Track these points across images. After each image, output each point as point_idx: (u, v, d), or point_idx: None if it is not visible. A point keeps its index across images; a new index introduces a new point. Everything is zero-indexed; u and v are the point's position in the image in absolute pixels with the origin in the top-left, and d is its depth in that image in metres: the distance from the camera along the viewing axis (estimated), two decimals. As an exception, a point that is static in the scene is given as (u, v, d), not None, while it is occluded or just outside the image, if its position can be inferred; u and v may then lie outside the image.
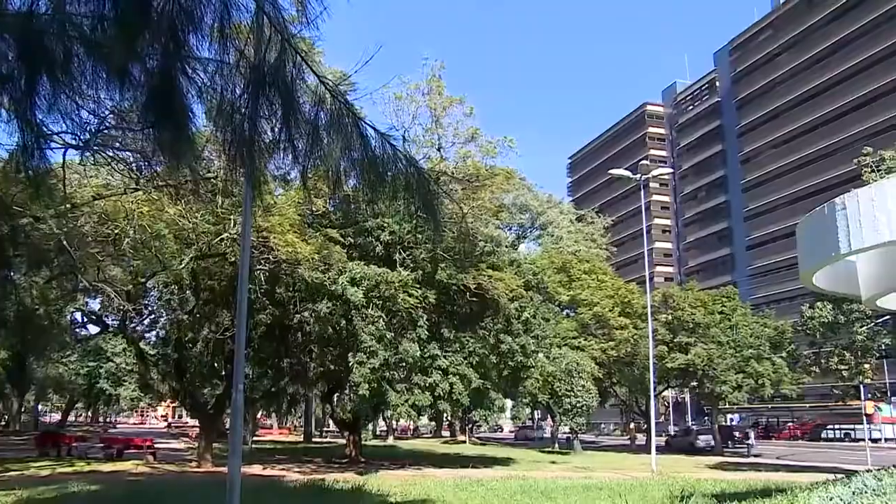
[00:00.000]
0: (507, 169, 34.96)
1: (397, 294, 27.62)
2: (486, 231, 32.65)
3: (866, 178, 32.50)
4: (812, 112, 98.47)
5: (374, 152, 4.06)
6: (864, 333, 35.98)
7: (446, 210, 24.58)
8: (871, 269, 13.31)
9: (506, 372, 34.66)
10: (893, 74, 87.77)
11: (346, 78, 4.78)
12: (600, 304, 51.72)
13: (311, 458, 37.22)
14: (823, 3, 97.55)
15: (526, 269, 40.36)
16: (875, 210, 10.84)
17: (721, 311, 51.16)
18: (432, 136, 37.43)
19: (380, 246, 29.90)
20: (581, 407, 46.86)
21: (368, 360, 27.07)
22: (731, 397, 49.89)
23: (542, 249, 65.41)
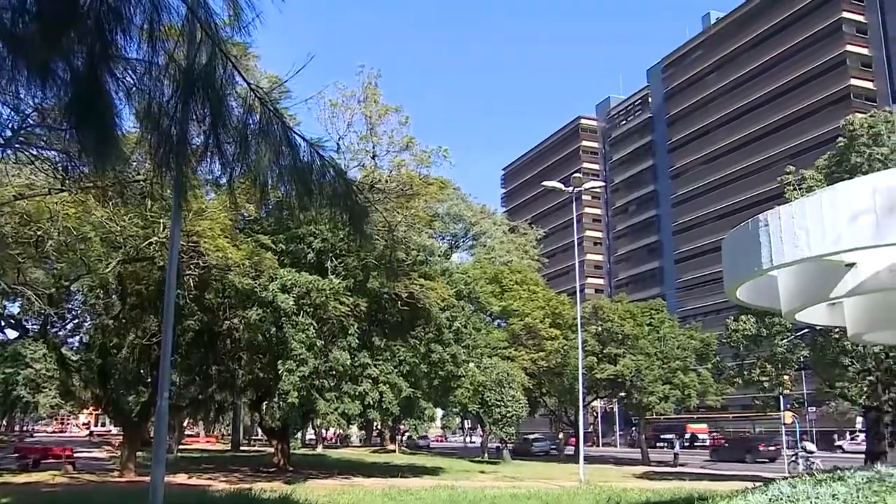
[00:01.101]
0: (441, 179, 35.04)
1: (328, 302, 27.45)
2: (420, 240, 32.67)
3: (789, 195, 33.39)
4: (739, 130, 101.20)
5: (302, 161, 4.02)
6: (785, 346, 36.89)
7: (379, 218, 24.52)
8: (791, 284, 13.68)
9: (436, 381, 34.67)
10: (815, 97, 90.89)
11: (281, 83, 4.74)
12: (531, 315, 52.15)
13: (238, 466, 36.62)
14: (751, 27, 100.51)
15: (458, 278, 40.53)
16: (795, 227, 11.14)
17: (650, 324, 52.08)
18: (367, 145, 37.30)
19: (312, 253, 29.67)
20: (511, 417, 47.08)
21: (298, 368, 26.82)
22: (658, 408, 50.80)
23: (474, 259, 65.70)
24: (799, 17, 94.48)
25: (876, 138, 33.15)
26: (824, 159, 37.12)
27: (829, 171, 34.60)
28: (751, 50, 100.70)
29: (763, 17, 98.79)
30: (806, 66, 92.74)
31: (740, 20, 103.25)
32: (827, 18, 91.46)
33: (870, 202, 10.43)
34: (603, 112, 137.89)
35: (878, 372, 33.04)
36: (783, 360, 38.07)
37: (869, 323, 14.25)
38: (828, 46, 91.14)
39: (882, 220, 10.28)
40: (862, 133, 33.93)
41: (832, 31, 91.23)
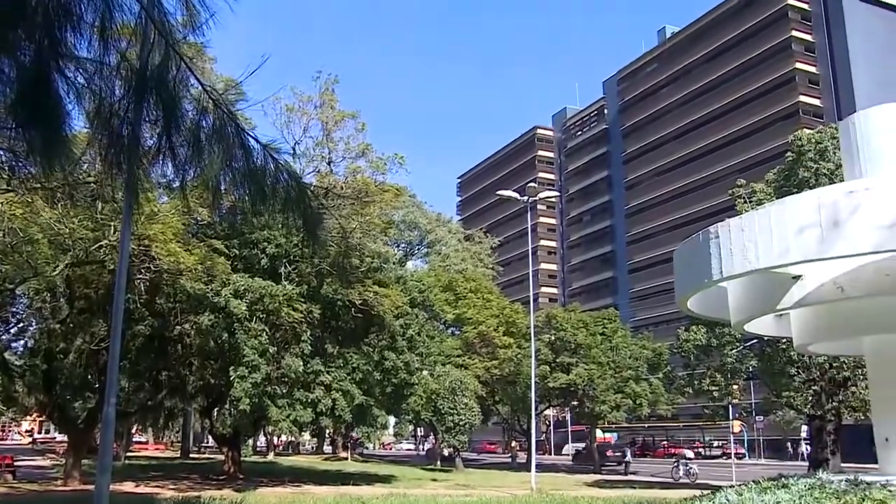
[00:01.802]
0: (396, 186, 35.06)
1: (281, 308, 27.23)
2: (374, 247, 32.57)
3: (740, 208, 33.97)
4: (692, 143, 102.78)
5: (256, 164, 3.98)
6: (734, 356, 37.47)
7: (333, 225, 24.41)
8: (739, 295, 13.90)
9: (389, 388, 34.53)
10: (765, 112, 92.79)
11: (236, 85, 4.69)
12: (485, 323, 52.28)
13: (187, 474, 36.05)
14: (704, 43, 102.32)
15: (412, 286, 40.42)
16: (745, 239, 11.34)
17: (602, 333, 52.49)
18: (323, 150, 37.27)
19: (265, 259, 29.42)
20: (463, 425, 47.10)
21: (250, 375, 26.53)
22: (610, 417, 51.23)
23: (429, 267, 65.73)
24: (750, 35, 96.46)
25: (822, 154, 33.88)
26: (773, 173, 37.82)
27: (779, 185, 35.29)
28: (704, 65, 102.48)
29: (716, 34, 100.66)
30: (757, 82, 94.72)
31: (694, 36, 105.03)
32: (777, 37, 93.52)
33: (815, 216, 10.65)
34: (559, 123, 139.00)
35: (822, 381, 33.71)
36: (732, 370, 38.66)
37: (814, 334, 14.53)
38: (778, 64, 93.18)
39: (827, 234, 10.50)
40: (809, 148, 34.66)
41: (782, 48, 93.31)
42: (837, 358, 30.48)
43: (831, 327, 14.04)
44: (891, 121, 13.20)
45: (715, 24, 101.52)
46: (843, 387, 33.56)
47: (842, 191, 11.07)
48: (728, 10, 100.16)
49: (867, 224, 10.34)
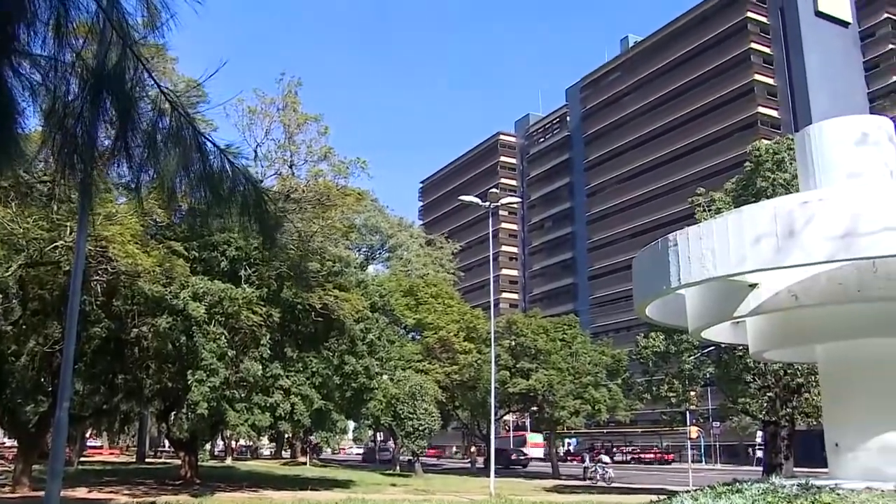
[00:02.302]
0: (358, 190, 34.97)
1: (241, 311, 26.99)
2: (336, 251, 32.46)
3: (699, 216, 34.38)
4: (653, 152, 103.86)
5: (212, 168, 3.93)
6: (692, 363, 37.91)
7: (294, 228, 24.28)
8: (697, 303, 14.06)
9: (349, 393, 34.38)
10: (725, 122, 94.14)
11: (197, 85, 4.64)
12: (446, 328, 52.26)
13: (142, 479, 35.52)
14: (666, 52, 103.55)
15: (373, 290, 40.28)
16: (703, 247, 11.48)
17: (562, 339, 52.73)
18: (285, 153, 37.09)
19: (225, 261, 29.14)
20: (423, 430, 47.04)
21: (208, 379, 26.24)
22: (570, 422, 51.47)
23: (390, 272, 65.59)
24: (711, 46, 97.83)
25: (779, 164, 34.45)
26: (732, 183, 38.38)
27: (737, 194, 35.81)
28: (666, 74, 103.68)
29: (678, 44, 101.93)
30: (717, 92, 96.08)
31: (656, 45, 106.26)
32: (737, 48, 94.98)
33: (771, 226, 10.81)
34: (522, 129, 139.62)
35: (776, 388, 34.23)
36: (690, 377, 39.10)
37: (769, 341, 14.73)
38: (737, 75, 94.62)
39: (782, 244, 10.67)
40: (767, 159, 35.23)
41: (741, 60, 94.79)
42: (792, 365, 30.96)
43: (786, 335, 14.26)
44: (844, 133, 13.46)
45: (677, 34, 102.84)
46: (797, 393, 34.11)
47: (797, 201, 11.25)
48: (690, 21, 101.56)
49: (821, 234, 10.52)
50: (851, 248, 10.34)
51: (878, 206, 10.44)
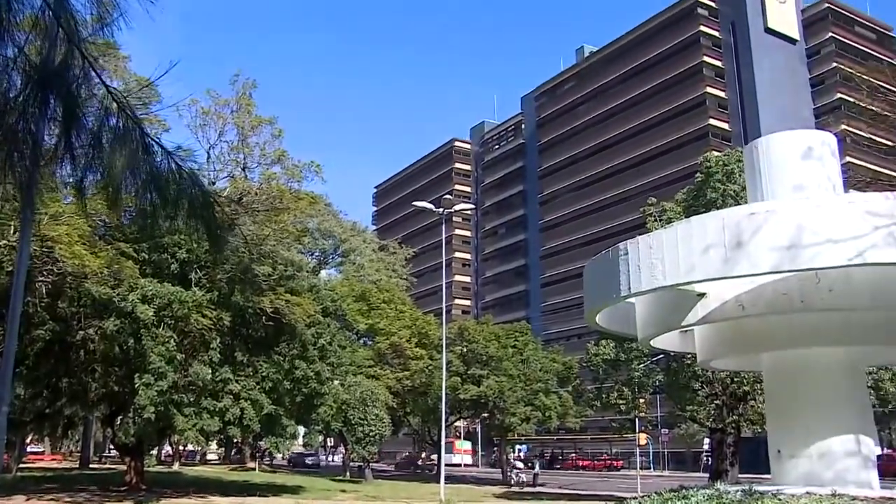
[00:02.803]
0: (311, 194, 34.80)
1: (191, 314, 26.61)
2: (288, 255, 32.21)
3: (650, 226, 34.78)
4: (607, 161, 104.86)
5: (159, 170, 3.86)
6: (641, 371, 38.29)
7: (245, 232, 24.03)
8: (646, 311, 14.23)
9: (299, 398, 34.06)
10: (677, 133, 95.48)
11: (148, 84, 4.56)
12: (398, 334, 52.15)
13: (86, 485, 34.74)
14: (621, 63, 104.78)
15: (325, 295, 39.96)
16: (652, 257, 11.63)
17: (514, 346, 52.95)
18: (238, 156, 36.77)
19: (175, 264, 28.71)
20: (374, 436, 46.83)
21: (156, 382, 25.81)
22: (520, 429, 51.69)
23: (343, 276, 65.26)
24: (665, 58, 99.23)
25: (729, 176, 35.00)
26: (683, 193, 38.89)
27: (688, 205, 36.28)
28: (620, 85, 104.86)
29: (632, 55, 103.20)
30: (670, 104, 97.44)
31: (611, 56, 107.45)
32: (689, 61, 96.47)
33: (720, 236, 11.00)
34: (477, 136, 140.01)
35: (723, 396, 34.74)
36: (639, 385, 39.50)
37: (716, 349, 14.97)
38: (690, 87, 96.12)
39: (730, 254, 10.86)
40: (717, 170, 35.78)
41: (694, 73, 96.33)
42: (738, 373, 31.46)
43: (732, 344, 14.50)
44: (790, 147, 13.74)
45: (631, 45, 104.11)
46: (743, 401, 34.65)
47: (744, 212, 11.46)
48: (644, 33, 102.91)
49: (767, 245, 10.72)
50: (796, 259, 10.56)
51: (822, 219, 10.68)
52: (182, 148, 4.21)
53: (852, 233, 10.40)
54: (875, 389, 35.59)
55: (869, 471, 12.90)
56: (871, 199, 11.06)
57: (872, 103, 10.85)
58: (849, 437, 12.82)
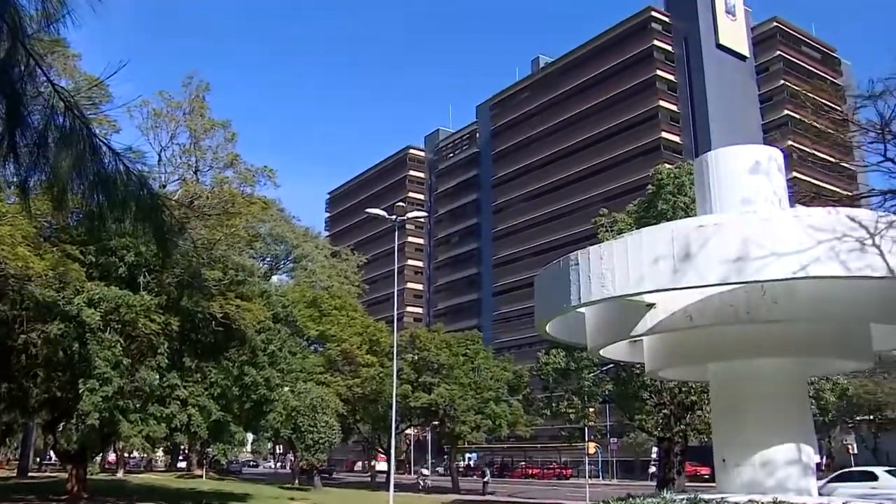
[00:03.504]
0: (264, 198, 34.51)
1: (138, 318, 26.17)
2: (239, 260, 31.89)
3: (602, 237, 35.08)
4: (560, 172, 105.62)
5: (106, 172, 3.79)
6: (591, 380, 38.53)
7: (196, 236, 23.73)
8: (596, 321, 14.36)
9: (248, 405, 33.74)
10: (630, 145, 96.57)
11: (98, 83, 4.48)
12: (349, 341, 51.93)
13: (23, 495, 33.87)
14: (575, 75, 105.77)
15: (276, 301, 39.69)
16: (603, 267, 11.75)
17: (465, 354, 53.03)
18: (190, 158, 36.32)
19: (124, 267, 28.22)
20: (323, 442, 46.50)
21: (101, 388, 25.31)
22: (470, 437, 51.73)
23: (294, 282, 64.72)
24: (619, 71, 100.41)
25: (680, 188, 35.47)
26: (634, 204, 39.32)
27: (639, 216, 36.67)
28: (574, 96, 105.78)
29: (587, 67, 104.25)
30: (623, 116, 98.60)
31: (566, 67, 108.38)
32: (643, 74, 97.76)
33: (669, 248, 11.15)
34: (431, 144, 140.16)
35: (671, 406, 35.14)
36: (589, 394, 39.76)
37: (664, 360, 15.16)
38: (643, 100, 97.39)
39: (679, 265, 11.01)
40: (668, 182, 36.24)
41: (647, 86, 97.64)
42: (686, 383, 31.86)
43: (680, 354, 14.69)
44: (739, 161, 13.99)
45: (586, 57, 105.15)
46: (691, 411, 35.08)
47: (693, 225, 11.63)
48: (599, 45, 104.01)
49: (715, 257, 10.89)
50: (743, 271, 10.76)
51: (768, 233, 10.89)
52: (132, 149, 4.14)
53: (796, 247, 10.62)
54: (816, 399, 36.32)
55: (808, 478, 13.19)
56: (814, 214, 11.32)
57: (817, 120, 11.10)
58: (790, 446, 13.08)
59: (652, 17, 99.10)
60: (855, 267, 10.67)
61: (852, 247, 10.65)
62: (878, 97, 9.25)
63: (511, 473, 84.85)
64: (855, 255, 10.65)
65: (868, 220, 10.85)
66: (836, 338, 13.46)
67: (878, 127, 9.48)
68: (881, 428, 56.83)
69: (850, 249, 10.64)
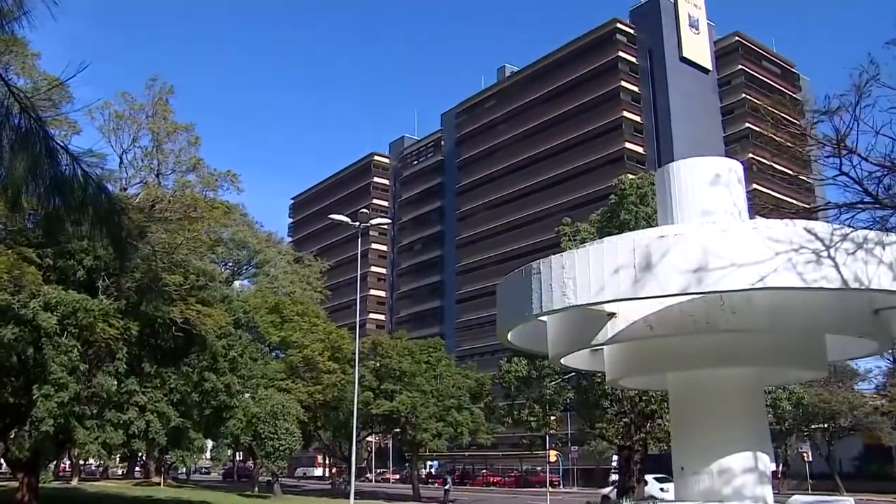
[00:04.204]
0: (226, 203, 34.19)
1: (97, 323, 25.77)
2: (200, 265, 31.52)
3: (564, 245, 35.32)
4: (524, 180, 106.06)
5: (63, 175, 3.73)
6: (552, 388, 38.75)
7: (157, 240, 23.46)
8: (557, 330, 14.43)
9: (208, 411, 33.34)
10: (594, 155, 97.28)
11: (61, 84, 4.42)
12: (311, 347, 51.62)
13: (-30, 505, 33.16)
14: (541, 84, 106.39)
15: (238, 306, 39.34)
16: (564, 276, 11.81)
17: (427, 361, 53.01)
18: (152, 162, 35.86)
19: (82, 270, 27.76)
20: (284, 450, 46.11)
21: (57, 393, 24.85)
22: (432, 444, 51.66)
23: (256, 288, 64.19)
24: (583, 81, 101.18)
25: (643, 198, 35.85)
26: (597, 214, 39.65)
27: (601, 226, 36.99)
28: (539, 106, 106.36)
29: (552, 77, 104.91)
30: (587, 126, 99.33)
31: (531, 77, 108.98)
32: (607, 85, 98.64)
33: (630, 258, 11.25)
34: (396, 150, 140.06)
35: (632, 414, 35.44)
36: (550, 402, 39.95)
37: (625, 368, 15.27)
38: (607, 111, 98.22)
39: (639, 275, 11.11)
40: (631, 193, 36.60)
41: (611, 97, 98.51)
42: (646, 392, 32.14)
43: (640, 363, 14.81)
44: (700, 173, 14.17)
45: (552, 67, 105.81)
46: (651, 419, 35.40)
47: (654, 235, 11.74)
48: (564, 55, 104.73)
49: (675, 268, 11.00)
50: (702, 282, 10.88)
51: (727, 244, 11.04)
52: (92, 152, 4.09)
53: (755, 258, 10.77)
54: (773, 408, 36.83)
55: (764, 486, 13.36)
56: (772, 226, 11.48)
57: (776, 134, 11.27)
58: (747, 454, 13.24)
59: (617, 29, 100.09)
60: (811, 278, 10.85)
61: (808, 258, 10.83)
62: (834, 113, 9.43)
63: (472, 481, 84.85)
64: (811, 267, 10.83)
65: (824, 232, 11.03)
66: (792, 348, 13.66)
67: (833, 142, 9.65)
68: (834, 436, 57.78)
69: (806, 261, 10.82)
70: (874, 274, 11.01)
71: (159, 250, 23.83)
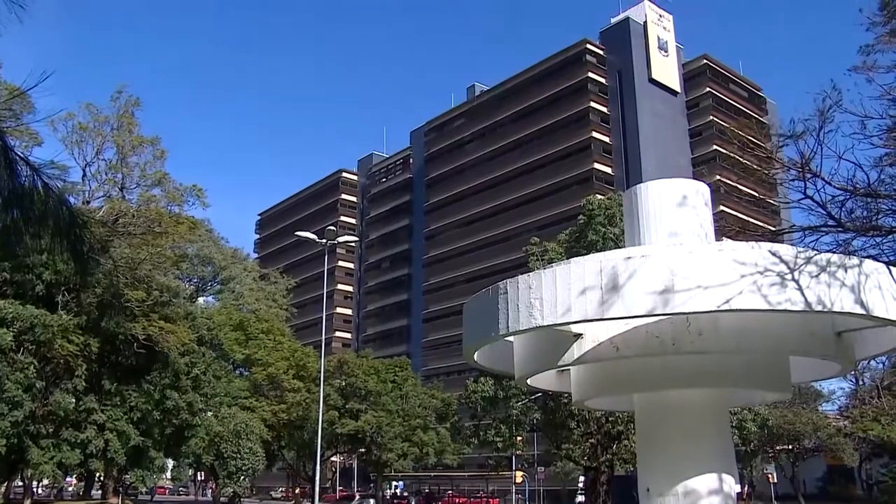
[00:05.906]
0: (191, 218, 33.90)
1: (55, 339, 25.35)
2: (164, 280, 31.18)
3: (532, 265, 35.40)
4: (493, 199, 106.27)
5: (22, 186, 3.62)
6: (519, 408, 38.67)
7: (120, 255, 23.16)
8: (524, 350, 14.38)
9: (169, 430, 32.91)
10: (563, 175, 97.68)
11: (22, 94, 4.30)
12: (275, 365, 51.15)
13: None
14: (510, 104, 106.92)
15: (202, 323, 38.89)
16: (531, 296, 11.76)
17: (393, 381, 52.79)
18: (116, 175, 35.46)
19: (41, 285, 27.32)
20: (246, 469, 45.51)
21: (11, 412, 24.37)
22: (397, 464, 51.34)
23: (221, 305, 63.55)
24: (553, 101, 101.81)
25: (611, 219, 36.06)
26: (565, 234, 39.78)
27: (569, 246, 37.12)
28: (509, 125, 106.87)
29: (522, 96, 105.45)
30: (556, 146, 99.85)
31: (501, 96, 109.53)
32: (577, 105, 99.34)
33: (597, 279, 11.23)
34: (365, 168, 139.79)
35: (598, 435, 35.47)
36: (517, 422, 39.86)
37: (591, 389, 15.24)
38: (576, 131, 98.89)
39: (606, 296, 11.10)
40: (599, 213, 36.79)
41: (580, 117, 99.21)
42: (613, 413, 32.16)
43: (606, 384, 14.80)
44: (667, 195, 14.24)
45: (522, 87, 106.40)
46: (617, 440, 35.45)
47: (621, 256, 11.75)
48: (534, 75, 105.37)
49: (642, 289, 11.01)
50: (669, 303, 10.89)
51: (693, 265, 11.07)
52: (54, 163, 3.98)
53: (721, 280, 10.81)
54: (738, 429, 37.07)
55: (729, 508, 13.37)
56: (738, 248, 11.55)
57: (743, 157, 11.39)
58: (712, 475, 13.24)
59: (587, 50, 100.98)
60: (775, 301, 10.90)
61: (773, 281, 10.88)
62: (799, 137, 9.55)
63: (438, 502, 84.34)
64: (776, 290, 10.88)
65: (788, 255, 11.11)
66: (757, 369, 13.72)
67: (798, 165, 9.75)
68: (799, 457, 58.32)
69: (771, 283, 10.87)
70: (837, 296, 11.09)
71: (122, 265, 23.52)
